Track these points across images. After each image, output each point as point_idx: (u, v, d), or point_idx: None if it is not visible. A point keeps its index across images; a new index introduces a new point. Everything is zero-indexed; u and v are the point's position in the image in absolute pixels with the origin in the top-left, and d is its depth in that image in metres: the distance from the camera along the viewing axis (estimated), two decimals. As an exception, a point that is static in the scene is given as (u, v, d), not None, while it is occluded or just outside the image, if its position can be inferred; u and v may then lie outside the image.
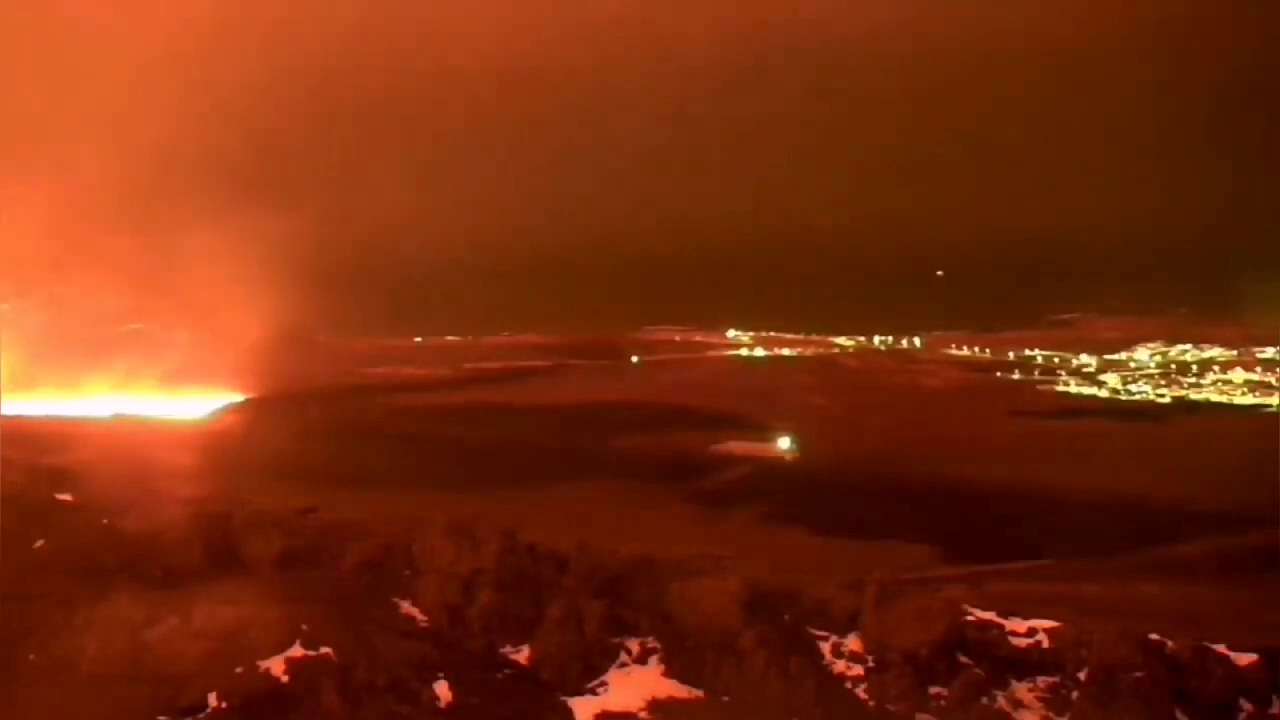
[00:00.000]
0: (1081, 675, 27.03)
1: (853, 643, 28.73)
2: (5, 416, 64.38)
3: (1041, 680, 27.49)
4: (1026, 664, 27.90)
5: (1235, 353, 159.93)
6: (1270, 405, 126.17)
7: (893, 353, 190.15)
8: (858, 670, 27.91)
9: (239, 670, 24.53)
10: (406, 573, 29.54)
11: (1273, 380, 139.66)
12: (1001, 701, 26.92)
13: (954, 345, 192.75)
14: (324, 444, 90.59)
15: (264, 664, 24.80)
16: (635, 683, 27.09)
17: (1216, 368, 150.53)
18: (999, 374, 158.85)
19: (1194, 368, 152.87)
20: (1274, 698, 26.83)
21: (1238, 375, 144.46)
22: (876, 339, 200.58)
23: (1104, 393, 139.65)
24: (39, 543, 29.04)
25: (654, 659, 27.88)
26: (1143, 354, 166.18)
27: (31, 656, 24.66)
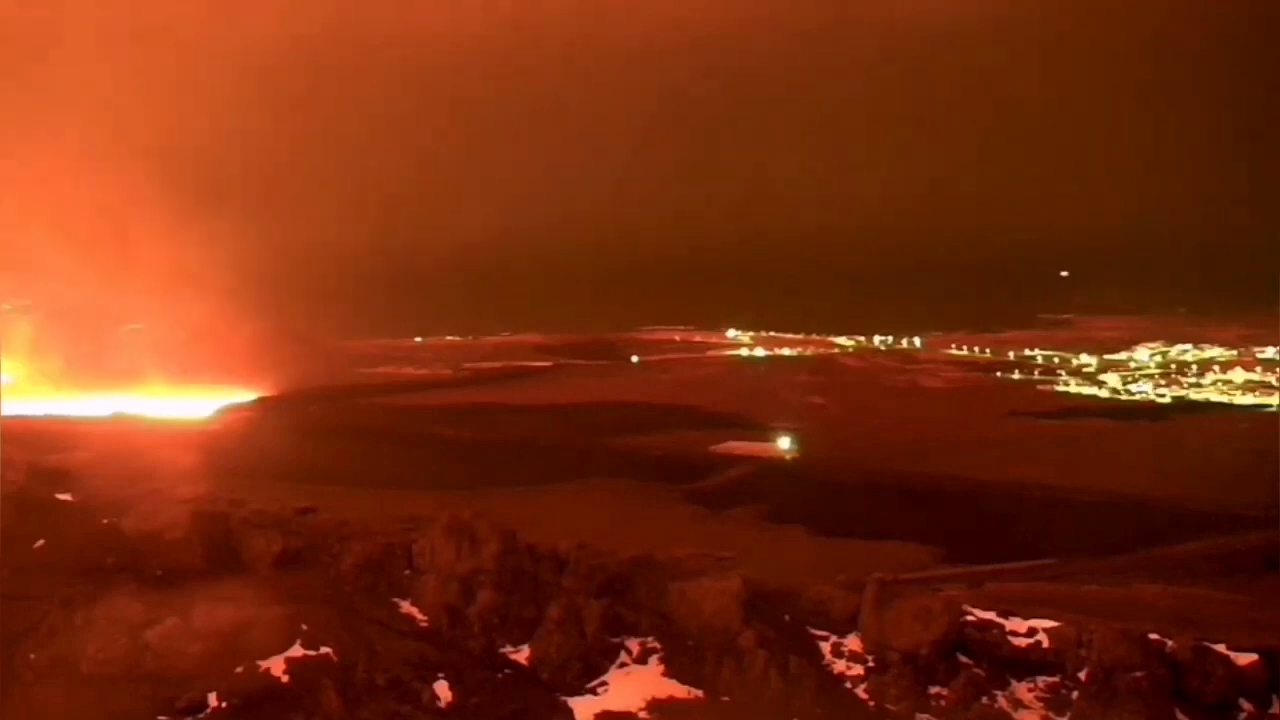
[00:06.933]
0: (1081, 675, 27.04)
1: (853, 643, 28.74)
2: (5, 416, 64.38)
3: (1041, 680, 27.49)
4: (1026, 664, 27.91)
5: (1235, 353, 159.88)
6: (1270, 405, 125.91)
7: (893, 353, 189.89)
8: (858, 670, 27.92)
9: (239, 670, 24.53)
10: (406, 573, 29.53)
11: (1273, 380, 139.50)
12: (1001, 701, 26.93)
13: (954, 345, 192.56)
14: (324, 444, 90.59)
15: (264, 664, 24.82)
16: (635, 683, 27.09)
17: (1216, 368, 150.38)
18: (999, 374, 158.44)
19: (1194, 368, 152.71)
20: (1274, 698, 26.84)
21: (1238, 375, 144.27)
22: (876, 339, 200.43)
23: (1104, 393, 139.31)
24: (39, 543, 29.03)
25: (654, 659, 27.89)
26: (1143, 354, 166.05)
27: (31, 656, 24.65)
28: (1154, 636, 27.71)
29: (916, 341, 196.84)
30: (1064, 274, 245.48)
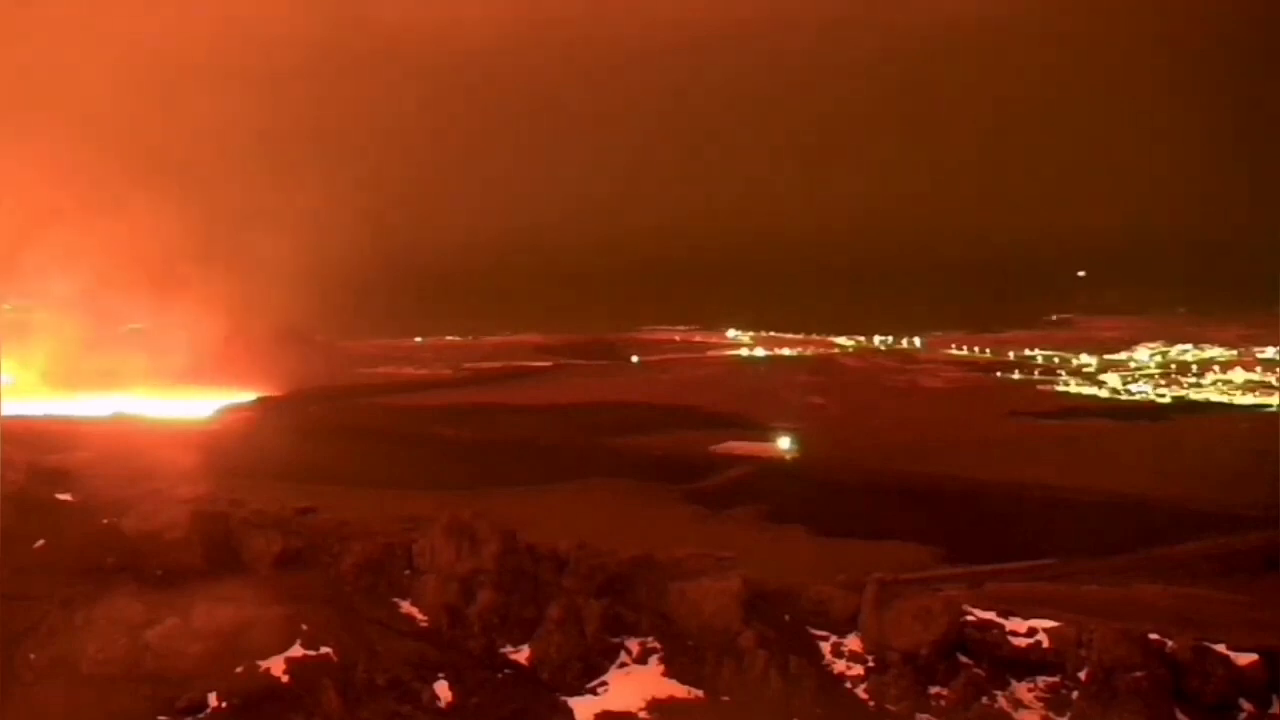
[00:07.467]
0: (1081, 675, 27.04)
1: (853, 643, 28.75)
2: (5, 416, 64.32)
3: (1041, 680, 27.50)
4: (1026, 664, 27.91)
5: (1235, 353, 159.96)
6: (1270, 405, 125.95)
7: (893, 353, 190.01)
8: (858, 670, 27.93)
9: (239, 670, 24.54)
10: (406, 573, 29.54)
11: (1273, 380, 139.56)
12: (1001, 701, 26.93)
13: (954, 345, 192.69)
14: (324, 444, 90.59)
15: (264, 664, 24.82)
16: (635, 683, 27.09)
17: (1216, 368, 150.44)
18: (999, 374, 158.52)
19: (1194, 368, 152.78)
20: (1274, 698, 26.84)
21: (1238, 375, 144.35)
22: (876, 339, 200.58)
23: (1104, 393, 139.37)
24: (39, 543, 29.04)
25: (654, 659, 27.89)
26: (1143, 354, 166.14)
27: (31, 656, 24.66)
28: (1154, 636, 27.70)
29: (916, 341, 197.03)
30: (1081, 274, 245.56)
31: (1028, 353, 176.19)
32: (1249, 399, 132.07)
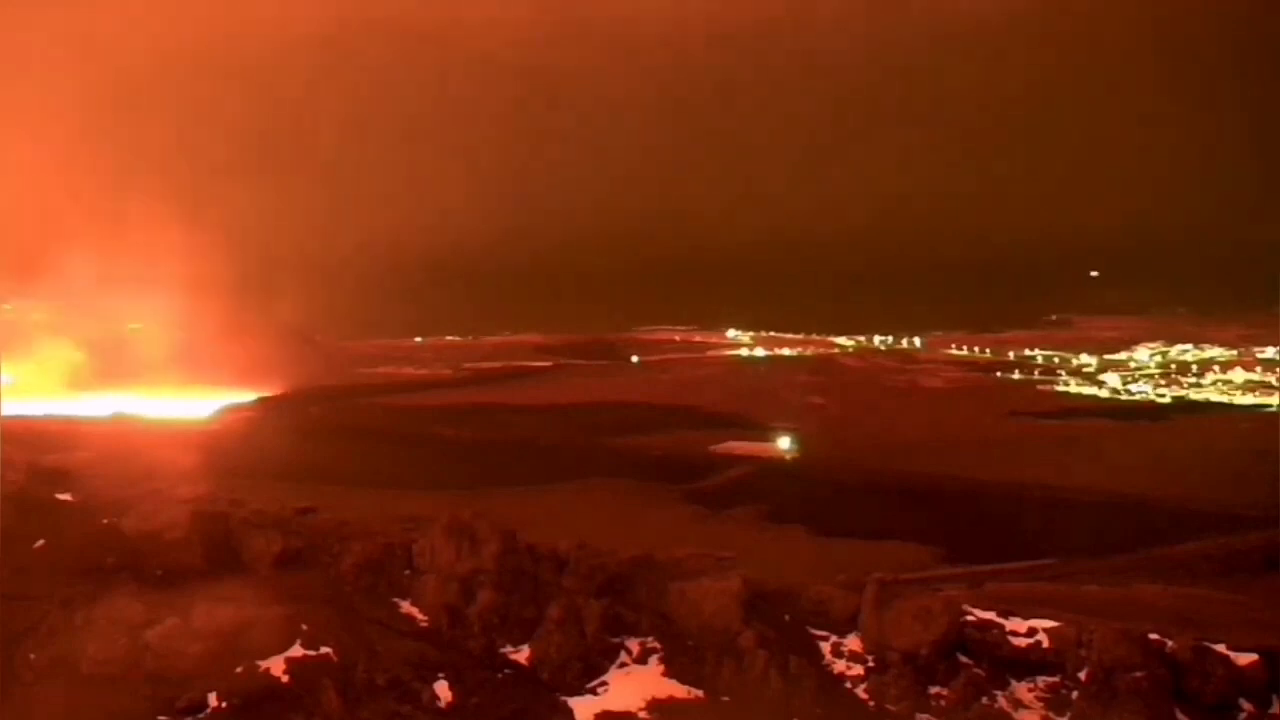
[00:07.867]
0: (1081, 675, 27.04)
1: (853, 643, 28.75)
2: (5, 416, 64.32)
3: (1041, 680, 27.50)
4: (1026, 664, 27.91)
5: (1235, 353, 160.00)
6: (1270, 405, 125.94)
7: (893, 353, 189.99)
8: (858, 670, 27.93)
9: (239, 670, 24.54)
10: (406, 573, 29.55)
11: (1273, 380, 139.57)
12: (1001, 701, 26.94)
13: (954, 345, 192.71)
14: (324, 444, 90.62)
15: (264, 664, 24.83)
16: (635, 683, 27.10)
17: (1216, 368, 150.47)
18: (999, 374, 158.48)
19: (1194, 368, 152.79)
20: (1274, 698, 26.85)
21: (1238, 375, 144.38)
22: (876, 339, 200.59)
23: (1104, 393, 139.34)
24: (39, 543, 29.04)
25: (654, 659, 27.90)
26: (1143, 354, 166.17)
27: (31, 656, 24.66)
28: (1154, 636, 27.71)
29: (916, 341, 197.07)
30: (1094, 274, 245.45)
31: (1028, 353, 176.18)
32: (1249, 399, 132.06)
